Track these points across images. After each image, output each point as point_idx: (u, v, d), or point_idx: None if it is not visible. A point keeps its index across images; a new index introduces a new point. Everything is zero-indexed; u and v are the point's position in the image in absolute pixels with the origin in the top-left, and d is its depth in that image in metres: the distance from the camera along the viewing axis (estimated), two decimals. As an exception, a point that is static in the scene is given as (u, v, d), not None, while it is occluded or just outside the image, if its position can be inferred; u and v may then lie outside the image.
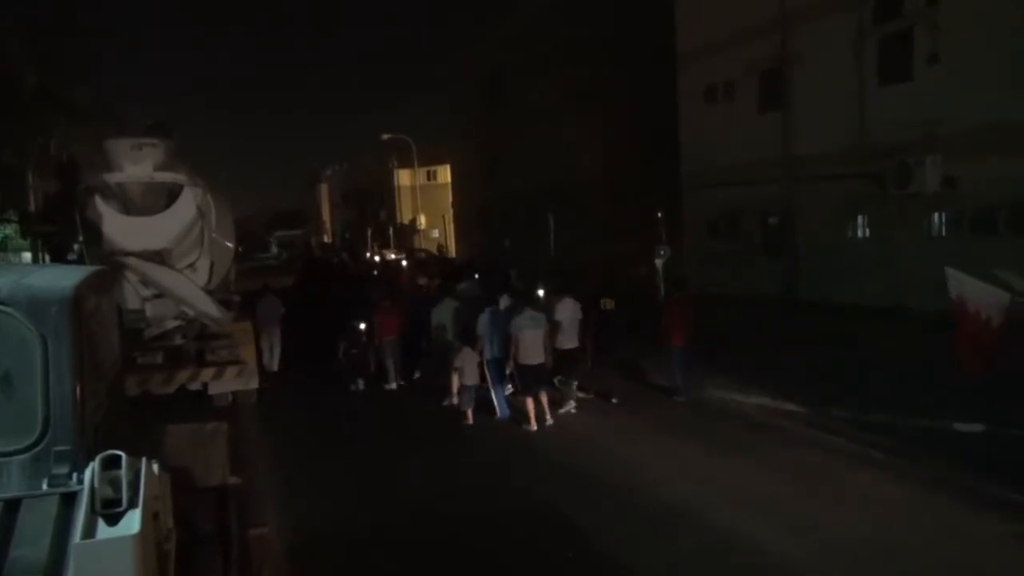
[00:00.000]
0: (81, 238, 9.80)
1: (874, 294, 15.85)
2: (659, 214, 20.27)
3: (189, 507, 4.29)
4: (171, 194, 10.46)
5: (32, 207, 20.16)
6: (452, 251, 47.65)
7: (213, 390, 11.58)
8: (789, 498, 7.14)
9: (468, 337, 11.09)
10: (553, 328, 10.51)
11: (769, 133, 19.26)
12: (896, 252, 15.85)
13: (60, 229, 10.42)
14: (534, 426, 10.04)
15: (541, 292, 11.77)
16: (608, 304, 11.68)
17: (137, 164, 10.20)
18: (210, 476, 4.85)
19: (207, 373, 11.15)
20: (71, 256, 9.89)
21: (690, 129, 22.36)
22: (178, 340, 11.20)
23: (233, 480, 5.09)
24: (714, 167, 20.89)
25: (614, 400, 11.19)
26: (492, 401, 10.72)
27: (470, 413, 10.63)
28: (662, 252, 15.01)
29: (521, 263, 22.56)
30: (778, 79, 19.02)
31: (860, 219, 17.76)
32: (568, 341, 10.76)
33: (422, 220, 49.94)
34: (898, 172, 15.42)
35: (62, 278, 3.23)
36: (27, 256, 24.94)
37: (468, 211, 44.59)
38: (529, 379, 10.21)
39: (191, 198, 10.49)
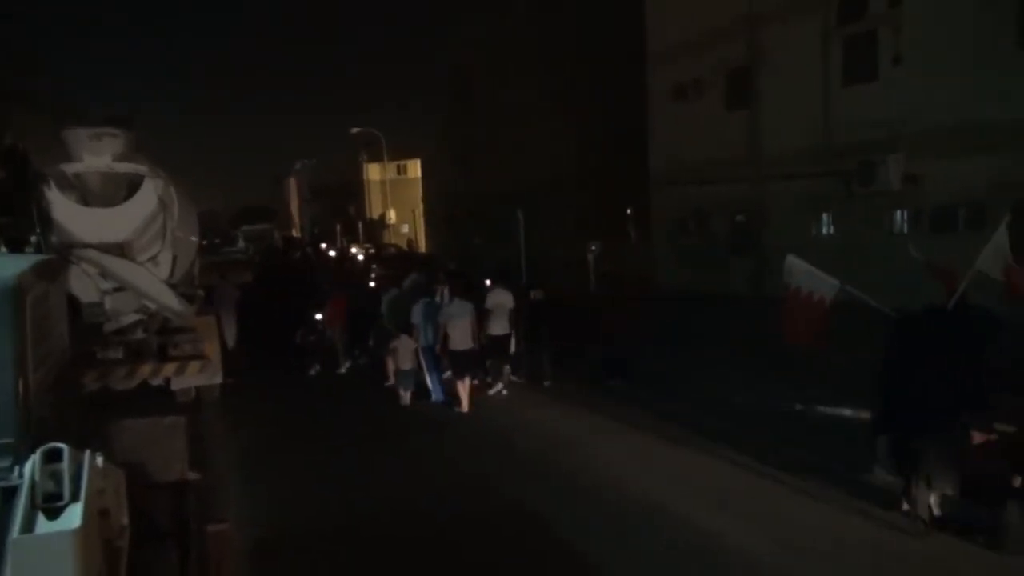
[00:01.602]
0: (38, 230, 9.52)
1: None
2: (628, 211, 20.42)
3: (146, 503, 4.20)
4: (132, 185, 10.18)
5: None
6: (423, 247, 47.41)
7: (176, 385, 11.37)
8: (764, 495, 7.18)
9: (406, 326, 11.75)
10: (483, 315, 11.22)
11: (737, 132, 19.42)
12: (860, 249, 16.08)
13: (16, 221, 10.10)
14: (466, 408, 10.69)
15: (488, 282, 12.62)
16: (538, 295, 12.32)
17: (96, 154, 9.91)
18: (168, 471, 4.77)
19: (169, 368, 10.95)
20: (28, 249, 9.59)
21: (659, 128, 22.48)
22: (139, 334, 10.95)
23: (192, 475, 5.01)
24: (683, 165, 21.02)
25: (546, 383, 11.95)
26: (428, 385, 11.52)
27: (408, 395, 11.35)
28: (593, 248, 16.22)
29: (456, 258, 23.09)
30: (746, 78, 19.20)
31: (825, 217, 18.00)
32: (498, 328, 11.31)
33: (392, 215, 49.55)
34: (862, 170, 15.65)
35: (4, 267, 3.12)
36: (-17, 249, 24.22)
37: (439, 207, 44.41)
38: (460, 364, 10.90)
39: (152, 190, 10.24)
